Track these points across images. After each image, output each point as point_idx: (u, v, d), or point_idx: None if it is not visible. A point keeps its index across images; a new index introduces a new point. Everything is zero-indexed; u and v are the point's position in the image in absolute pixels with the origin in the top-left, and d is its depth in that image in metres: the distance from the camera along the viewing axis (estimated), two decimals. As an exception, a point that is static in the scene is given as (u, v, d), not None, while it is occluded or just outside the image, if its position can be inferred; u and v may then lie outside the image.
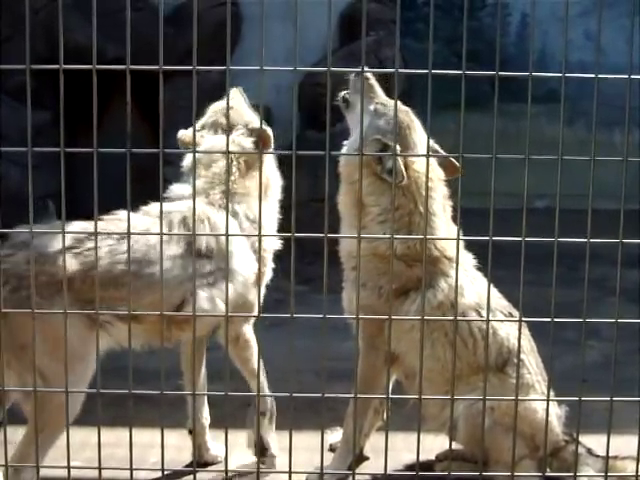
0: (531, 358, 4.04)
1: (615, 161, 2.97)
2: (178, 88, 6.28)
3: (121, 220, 3.84)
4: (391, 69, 2.95)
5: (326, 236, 2.93)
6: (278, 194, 4.44)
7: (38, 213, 3.46)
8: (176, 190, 4.21)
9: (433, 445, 4.13)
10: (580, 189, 4.23)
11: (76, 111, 5.57)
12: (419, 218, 3.97)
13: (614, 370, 3.06)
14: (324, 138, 3.12)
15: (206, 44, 3.76)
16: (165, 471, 3.14)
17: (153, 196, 4.03)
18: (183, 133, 4.34)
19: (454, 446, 3.75)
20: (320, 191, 4.11)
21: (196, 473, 3.05)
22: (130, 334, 3.26)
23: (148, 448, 4.01)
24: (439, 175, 4.08)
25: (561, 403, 4.00)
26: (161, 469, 3.00)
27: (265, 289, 4.14)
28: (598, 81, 2.86)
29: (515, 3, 10.09)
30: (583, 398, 3.03)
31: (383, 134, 4.01)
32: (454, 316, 3.35)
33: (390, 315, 3.12)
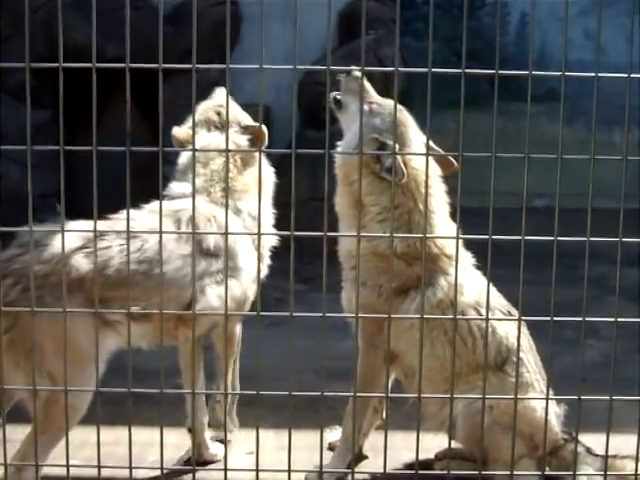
0: (530, 357, 4.04)
1: (615, 160, 2.96)
2: (177, 87, 6.27)
3: (130, 219, 3.84)
4: (391, 68, 2.94)
5: (325, 235, 2.93)
6: (271, 191, 4.45)
7: (45, 213, 3.45)
8: (176, 188, 4.21)
9: (432, 444, 4.13)
10: (579, 188, 4.23)
11: (75, 110, 5.57)
12: (419, 216, 3.97)
13: (614, 369, 3.06)
14: (323, 137, 3.12)
15: (205, 43, 3.76)
16: (164, 470, 3.14)
17: (152, 194, 4.03)
18: (177, 130, 4.33)
19: (453, 445, 3.75)
20: (319, 190, 4.11)
21: (195, 472, 3.04)
22: (130, 333, 3.27)
23: (147, 447, 4.01)
24: (437, 172, 4.08)
25: (560, 402, 4.00)
26: (160, 468, 3.00)
27: (259, 286, 4.15)
28: (598, 80, 2.86)
29: (514, 2, 10.09)
30: (583, 397, 3.03)
31: (380, 133, 4.01)
32: (453, 315, 3.35)
33: (389, 314, 3.12)
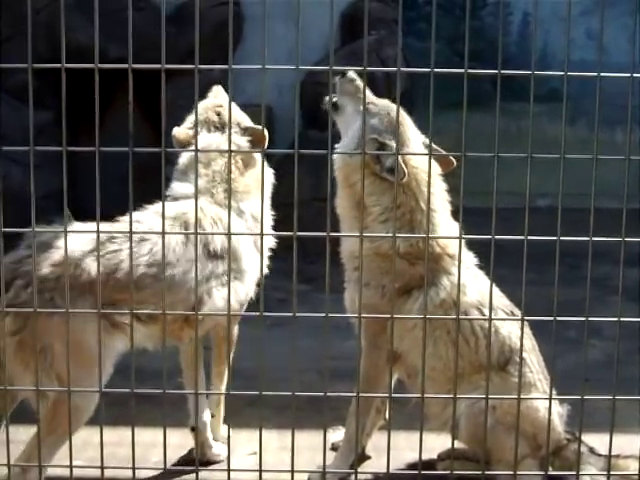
0: (533, 357, 4.04)
1: (617, 160, 2.96)
2: (180, 87, 6.29)
3: (138, 222, 3.85)
4: (393, 68, 2.94)
5: (328, 235, 2.93)
6: (270, 192, 4.45)
7: (52, 214, 3.44)
8: (178, 189, 4.20)
9: (435, 444, 4.12)
10: (581, 188, 4.23)
11: (77, 111, 5.57)
12: (421, 215, 3.97)
13: (617, 369, 3.05)
14: (326, 137, 3.12)
15: (207, 43, 3.76)
16: (167, 470, 3.14)
17: (154, 195, 4.04)
18: (177, 130, 4.32)
19: (456, 445, 3.75)
20: (322, 190, 4.11)
21: (198, 472, 3.04)
22: (132, 335, 3.27)
23: (150, 447, 4.02)
24: (437, 170, 4.08)
25: (563, 402, 4.00)
26: (163, 468, 3.00)
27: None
28: (600, 80, 2.86)
29: (516, 2, 10.08)
30: (585, 397, 3.03)
31: (379, 133, 4.01)
32: (456, 315, 3.35)
33: (392, 314, 3.12)
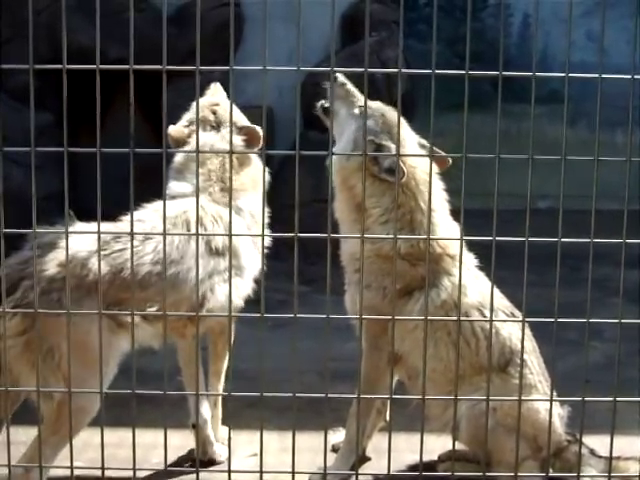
0: (533, 358, 4.04)
1: (617, 162, 2.96)
2: (180, 89, 6.27)
3: (141, 221, 3.86)
4: (394, 69, 2.94)
5: (329, 236, 2.92)
6: (265, 190, 4.47)
7: (55, 215, 3.44)
8: (176, 188, 4.21)
9: (435, 445, 4.13)
10: (582, 190, 4.23)
11: (78, 112, 5.57)
12: (421, 215, 3.98)
13: (618, 370, 3.05)
14: (326, 139, 3.12)
15: (208, 45, 3.76)
16: (168, 471, 3.14)
17: (153, 195, 4.04)
18: (173, 129, 4.31)
19: (457, 446, 3.75)
20: (322, 191, 4.12)
21: (199, 473, 3.04)
22: (133, 334, 3.28)
23: (151, 448, 4.01)
24: (434, 169, 4.08)
25: (563, 403, 4.00)
26: (164, 469, 3.00)
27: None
28: (601, 81, 2.86)
29: (517, 3, 10.08)
30: (586, 398, 3.03)
31: (375, 134, 4.02)
32: (457, 316, 3.35)
33: (393, 315, 3.12)
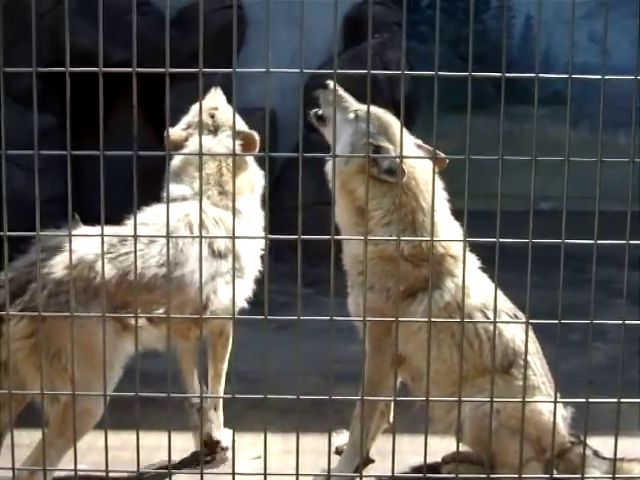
0: (536, 359, 4.04)
1: (620, 163, 2.96)
2: (182, 91, 6.26)
3: (145, 224, 3.86)
4: (397, 71, 2.95)
5: (332, 238, 2.93)
6: (260, 193, 4.49)
7: (60, 219, 3.43)
8: (175, 191, 4.21)
9: (439, 447, 4.12)
10: (584, 191, 4.23)
11: (80, 115, 5.58)
12: (422, 215, 3.98)
13: (621, 372, 3.05)
14: (329, 141, 3.12)
15: (210, 47, 3.75)
16: (172, 473, 3.14)
17: (153, 198, 4.05)
18: (170, 132, 4.31)
19: (461, 448, 3.75)
20: (325, 194, 4.12)
21: (203, 475, 3.04)
22: (137, 337, 3.27)
23: (154, 451, 4.01)
24: (432, 168, 4.09)
25: (567, 405, 3.99)
26: (168, 472, 3.00)
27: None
28: (604, 82, 2.86)
29: (519, 5, 10.08)
30: (590, 400, 3.02)
31: (372, 136, 4.02)
32: (461, 318, 3.35)
33: (397, 317, 3.12)
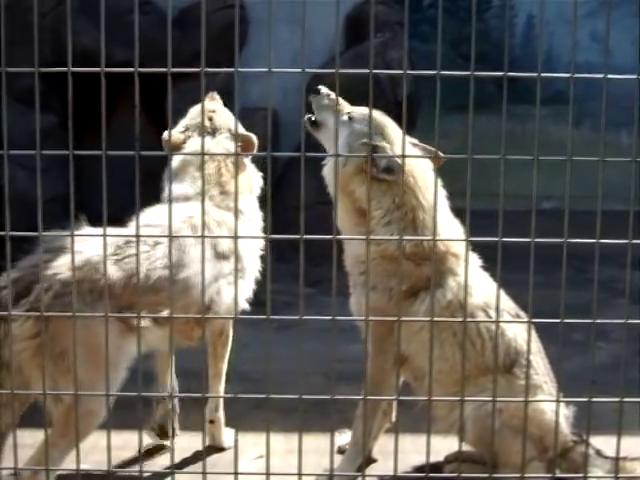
0: (538, 359, 4.03)
1: (622, 162, 2.96)
2: (183, 91, 6.27)
3: (150, 225, 3.86)
4: (399, 71, 2.95)
5: (335, 238, 2.93)
6: (257, 193, 4.50)
7: (63, 219, 3.43)
8: (177, 190, 4.21)
9: (442, 447, 4.11)
10: (586, 190, 4.22)
11: (82, 115, 5.58)
12: (423, 213, 3.99)
13: (624, 371, 3.05)
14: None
15: (212, 47, 3.75)
16: (174, 473, 3.14)
17: (155, 198, 4.05)
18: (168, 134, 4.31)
19: (463, 447, 3.74)
20: (326, 194, 4.12)
21: (206, 475, 3.04)
22: (139, 338, 3.27)
23: (157, 450, 4.03)
24: (430, 166, 4.09)
25: (568, 404, 3.99)
26: (171, 471, 3.00)
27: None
28: (607, 82, 2.85)
29: (521, 4, 10.07)
30: (593, 399, 3.02)
31: (368, 136, 4.03)
32: (463, 317, 3.35)
33: (399, 317, 3.12)
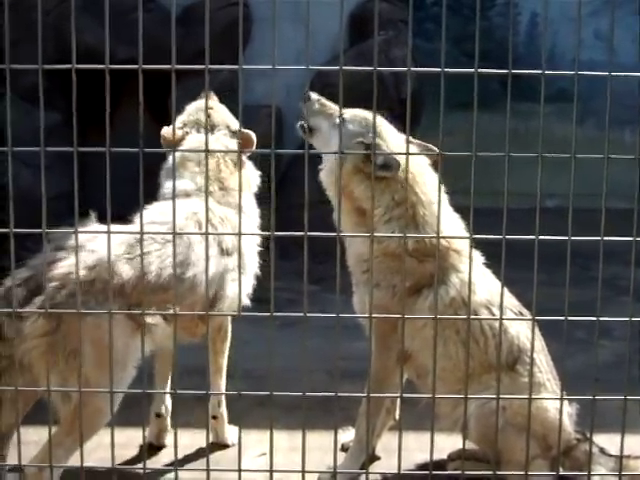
0: (542, 356, 4.03)
1: (626, 160, 2.95)
2: (187, 88, 6.26)
3: (157, 223, 3.85)
4: (404, 68, 2.94)
5: (338, 235, 2.93)
6: (255, 190, 4.53)
7: (69, 217, 3.42)
8: (178, 185, 4.21)
9: (445, 444, 4.11)
10: (590, 188, 4.22)
11: (86, 112, 5.58)
12: (423, 209, 3.99)
13: (628, 369, 3.05)
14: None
15: (216, 44, 3.75)
16: (177, 470, 3.14)
17: (152, 194, 4.05)
18: (166, 130, 4.31)
19: (467, 445, 3.74)
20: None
21: (209, 472, 3.04)
22: (143, 337, 3.27)
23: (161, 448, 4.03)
24: (426, 161, 4.10)
25: (572, 402, 3.99)
26: (174, 469, 3.00)
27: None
28: (611, 79, 2.85)
29: (524, 2, 10.07)
30: (596, 397, 3.02)
31: (362, 136, 4.03)
32: (467, 315, 3.35)
33: (403, 314, 3.12)
